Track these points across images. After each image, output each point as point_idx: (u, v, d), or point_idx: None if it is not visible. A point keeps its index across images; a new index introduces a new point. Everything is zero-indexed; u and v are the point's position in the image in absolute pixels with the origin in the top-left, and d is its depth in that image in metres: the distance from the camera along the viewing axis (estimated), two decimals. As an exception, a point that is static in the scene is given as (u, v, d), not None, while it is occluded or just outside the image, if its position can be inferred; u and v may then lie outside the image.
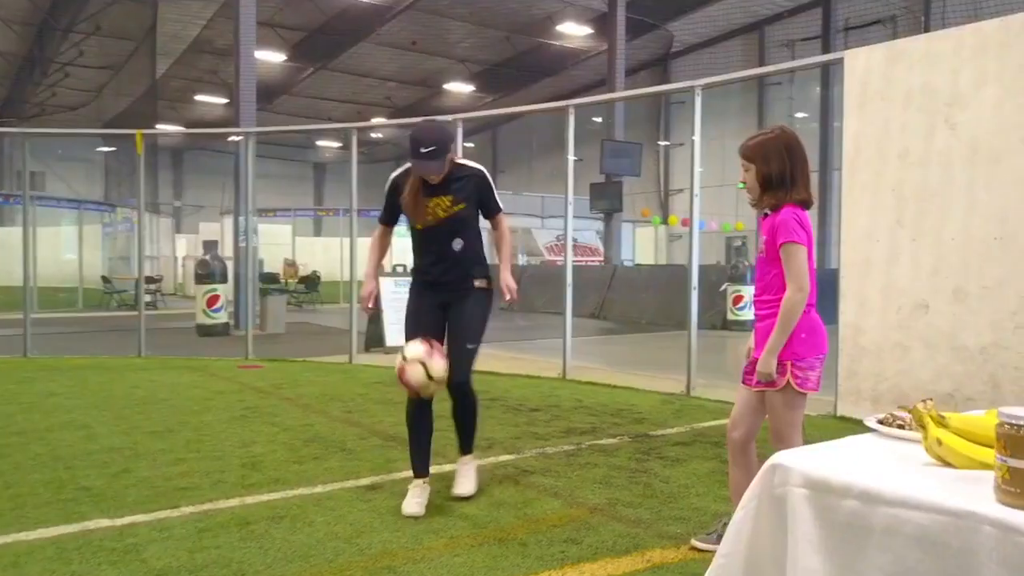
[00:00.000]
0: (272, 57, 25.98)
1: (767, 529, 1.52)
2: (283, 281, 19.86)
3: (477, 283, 3.92)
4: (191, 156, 40.63)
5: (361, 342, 9.79)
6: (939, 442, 1.48)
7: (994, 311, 5.08)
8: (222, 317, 12.80)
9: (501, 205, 3.99)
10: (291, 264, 21.47)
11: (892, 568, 1.32)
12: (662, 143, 31.20)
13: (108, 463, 4.59)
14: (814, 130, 24.02)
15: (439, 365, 3.65)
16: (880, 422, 1.81)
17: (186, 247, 28.29)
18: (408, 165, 3.81)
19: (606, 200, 18.09)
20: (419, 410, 3.87)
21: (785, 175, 2.88)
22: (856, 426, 5.55)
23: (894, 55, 5.70)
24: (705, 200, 7.18)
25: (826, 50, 23.31)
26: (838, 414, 5.87)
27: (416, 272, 4.04)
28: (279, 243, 25.67)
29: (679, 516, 3.66)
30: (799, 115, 26.57)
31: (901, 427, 1.74)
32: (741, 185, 3.01)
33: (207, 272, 12.78)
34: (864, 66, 5.84)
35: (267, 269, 19.99)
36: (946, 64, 5.35)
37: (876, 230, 5.70)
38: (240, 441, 5.14)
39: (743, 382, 3.15)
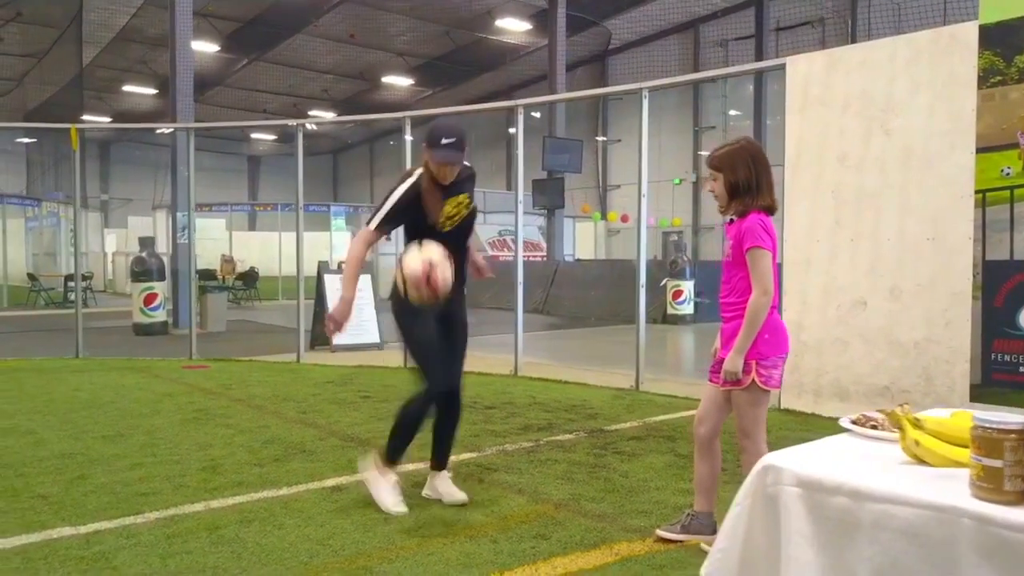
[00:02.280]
0: (205, 48, 25.36)
1: (761, 525, 1.65)
2: (220, 278, 19.47)
3: (463, 287, 3.86)
4: (119, 148, 39.36)
5: (307, 340, 9.71)
6: (917, 443, 1.62)
7: (927, 308, 5.37)
8: (160, 316, 12.53)
9: None
10: (229, 260, 21.05)
11: (880, 559, 1.45)
12: (600, 139, 31.58)
13: (62, 469, 4.50)
14: (748, 128, 24.65)
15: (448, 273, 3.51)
16: (853, 422, 1.95)
17: (116, 243, 27.46)
18: (414, 175, 3.70)
19: (548, 196, 18.28)
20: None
21: (751, 183, 3.05)
22: (799, 418, 5.82)
23: (833, 62, 5.96)
24: (649, 196, 7.36)
25: (759, 50, 23.94)
26: (782, 407, 6.11)
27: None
28: (213, 238, 25.14)
29: (641, 510, 3.79)
30: (732, 113, 27.25)
31: (875, 427, 1.89)
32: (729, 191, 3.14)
33: (144, 269, 12.49)
34: (805, 72, 6.09)
35: (203, 265, 19.57)
36: (882, 72, 5.62)
37: (817, 230, 5.95)
38: (196, 444, 5.09)
39: (709, 380, 3.30)
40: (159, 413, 6.08)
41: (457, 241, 3.74)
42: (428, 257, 3.48)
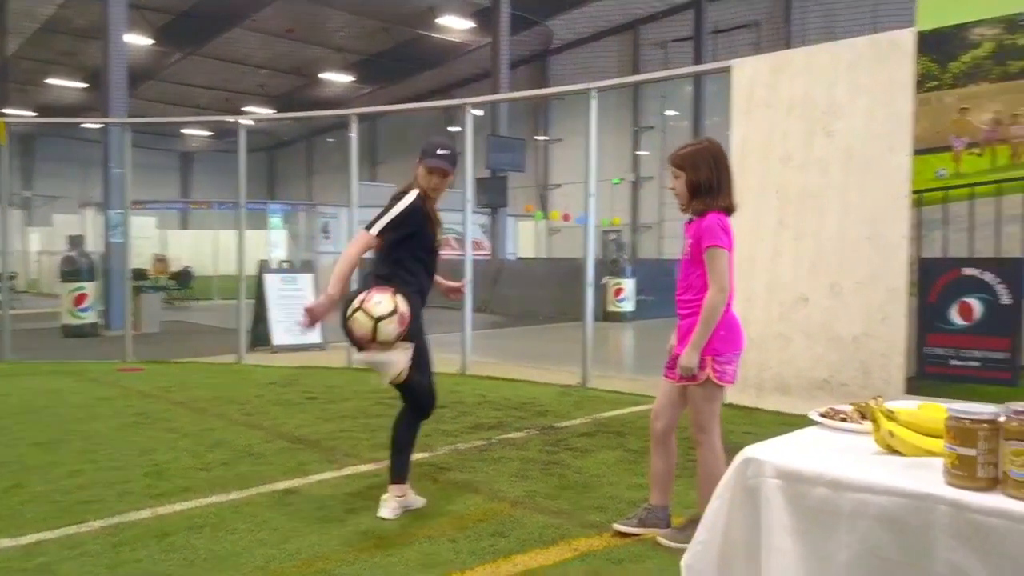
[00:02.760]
0: (137, 41, 24.58)
1: (740, 517, 1.68)
2: (152, 277, 18.92)
3: None
4: (43, 143, 37.82)
5: (247, 341, 9.49)
6: (891, 434, 1.67)
7: (865, 304, 5.55)
8: (90, 317, 12.11)
9: None
10: (161, 259, 20.46)
11: (859, 546, 1.49)
12: (540, 138, 31.72)
13: (-5, 478, 4.30)
14: (686, 128, 25.08)
15: (396, 329, 3.45)
16: (822, 415, 2.00)
17: (40, 241, 26.43)
18: (414, 191, 3.70)
19: (491, 195, 18.28)
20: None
21: (712, 183, 3.11)
22: (742, 412, 5.94)
23: (777, 66, 6.10)
24: (583, 195, 7.46)
25: (698, 51, 24.37)
26: (726, 402, 6.21)
27: (417, 293, 3.73)
28: (144, 236, 24.40)
29: (597, 505, 3.82)
30: (670, 113, 27.66)
31: (844, 420, 1.94)
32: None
33: (73, 269, 12.04)
34: (750, 75, 6.22)
35: (134, 264, 18.98)
36: (824, 76, 5.78)
37: (761, 229, 6.08)
38: (138, 449, 4.93)
39: (665, 376, 3.34)
40: (96, 418, 5.87)
41: (436, 254, 3.83)
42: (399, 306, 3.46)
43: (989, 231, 5.06)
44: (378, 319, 3.38)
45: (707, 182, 3.12)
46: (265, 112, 31.39)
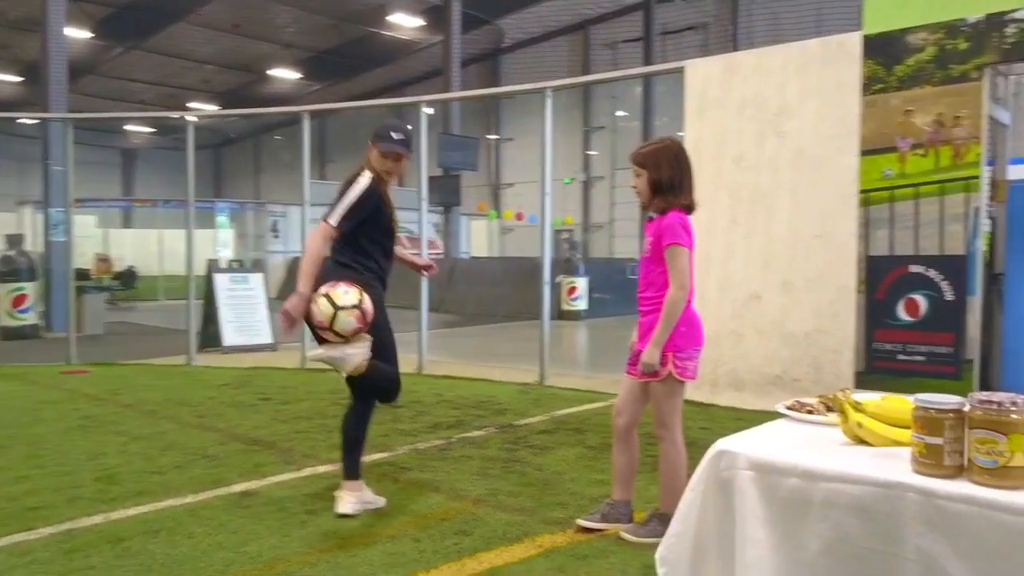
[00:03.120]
0: (76, 34, 23.86)
1: (713, 508, 1.71)
2: (95, 277, 18.40)
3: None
4: (-26, 139, 36.46)
5: (197, 342, 9.30)
6: (859, 425, 1.72)
7: (816, 301, 5.68)
8: (30, 318, 11.73)
9: None
10: (104, 259, 19.91)
11: (831, 534, 1.53)
12: (491, 137, 31.72)
13: (-65, 485, 4.14)
14: (636, 128, 25.33)
15: (354, 322, 3.43)
16: (789, 408, 2.04)
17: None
18: (368, 174, 3.67)
19: (444, 194, 18.22)
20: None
21: (674, 181, 3.15)
22: (697, 408, 6.03)
23: (730, 67, 6.20)
24: (537, 195, 7.51)
25: (647, 52, 24.64)
26: (682, 398, 6.31)
27: (377, 276, 3.72)
28: (86, 235, 23.71)
29: (559, 502, 3.84)
30: (620, 113, 27.92)
31: (810, 412, 1.99)
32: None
33: (11, 269, 11.65)
34: (703, 76, 6.31)
35: (76, 264, 18.43)
36: (775, 77, 5.90)
37: (714, 228, 6.18)
38: (87, 453, 4.80)
39: (627, 372, 3.38)
40: (41, 421, 5.69)
41: (393, 238, 3.81)
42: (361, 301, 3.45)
43: (933, 229, 5.22)
44: (339, 308, 3.39)
45: (669, 180, 3.17)
46: (211, 109, 30.78)
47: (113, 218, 30.64)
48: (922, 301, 5.18)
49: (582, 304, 14.80)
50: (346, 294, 3.42)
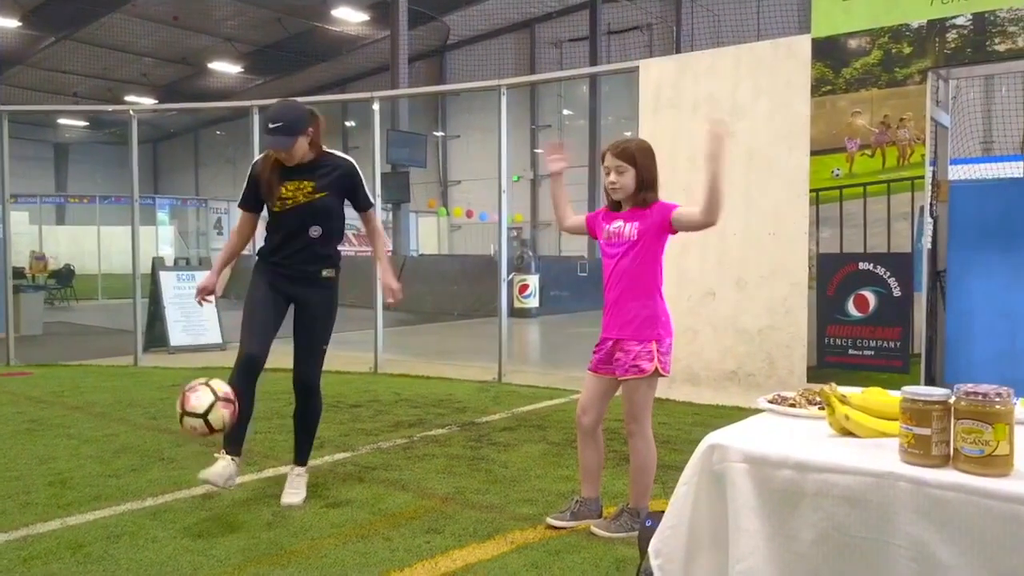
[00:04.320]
0: (3, 23, 23.00)
1: (707, 501, 1.75)
2: (30, 276, 17.77)
3: (325, 272, 3.83)
4: None
5: (143, 343, 9.06)
6: (847, 417, 1.78)
7: (769, 297, 5.82)
8: (-36, 319, 11.24)
9: (372, 200, 3.97)
10: (40, 257, 19.23)
11: (824, 524, 1.59)
12: (438, 134, 31.62)
13: None
14: (582, 127, 25.54)
15: (226, 412, 3.48)
16: (770, 402, 2.10)
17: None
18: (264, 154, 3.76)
19: (394, 190, 18.09)
20: (249, 386, 3.75)
21: (654, 178, 3.26)
22: (655, 403, 6.12)
23: (683, 67, 6.31)
24: (489, 192, 7.54)
25: (593, 51, 24.85)
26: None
27: (263, 256, 3.85)
28: (18, 232, 22.88)
29: (527, 498, 3.86)
30: (567, 112, 28.13)
31: (792, 406, 2.04)
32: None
33: (-58, 267, 11.15)
34: (657, 76, 6.41)
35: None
36: (728, 78, 6.03)
37: (669, 225, 6.28)
38: (36, 457, 4.64)
39: (594, 370, 3.42)
40: (-17, 426, 5.49)
41: (296, 225, 3.74)
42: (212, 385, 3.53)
43: (881, 227, 5.41)
44: (204, 415, 3.44)
45: (652, 178, 3.29)
46: (150, 102, 29.96)
47: (47, 215, 29.61)
48: (871, 297, 5.37)
49: (533, 301, 14.88)
50: (199, 400, 3.48)
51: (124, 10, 24.86)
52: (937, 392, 1.58)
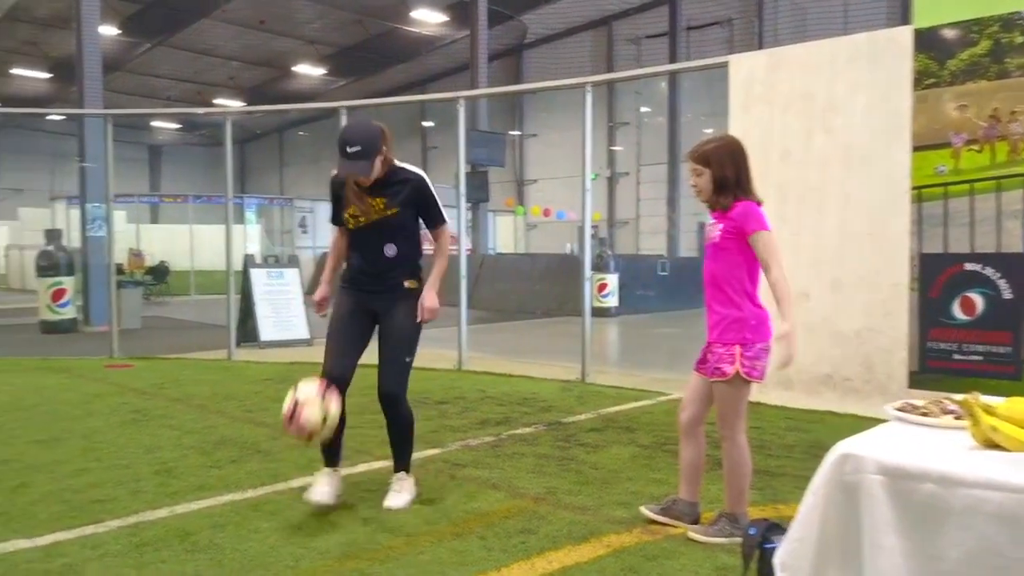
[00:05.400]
0: (104, 31, 24.05)
1: (837, 514, 1.68)
2: (128, 272, 18.60)
3: (406, 283, 3.78)
4: (5, 135, 36.92)
5: (235, 337, 9.36)
6: (994, 429, 1.69)
7: (867, 299, 5.62)
8: (69, 312, 11.87)
9: (445, 217, 3.84)
10: (137, 254, 20.10)
11: (972, 543, 1.50)
12: (514, 133, 31.69)
13: (-1, 478, 4.20)
14: (661, 124, 25.20)
15: (335, 407, 3.53)
16: (899, 410, 2.01)
17: (8, 235, 25.81)
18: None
19: (473, 190, 18.19)
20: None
21: (736, 178, 3.17)
22: (748, 407, 5.98)
23: (775, 62, 6.14)
24: (566, 191, 7.50)
25: (672, 48, 24.50)
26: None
27: (345, 273, 3.89)
28: (116, 230, 23.95)
29: (620, 501, 3.82)
30: (644, 109, 27.79)
31: (924, 415, 1.95)
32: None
33: (51, 264, 11.80)
34: (747, 71, 6.25)
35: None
36: (823, 72, 5.84)
37: (761, 224, 6.13)
38: (142, 447, 4.85)
39: (696, 370, 3.37)
40: (92, 415, 5.76)
41: (372, 241, 3.72)
42: (297, 395, 3.54)
43: (990, 227, 5.15)
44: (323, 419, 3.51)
45: (732, 178, 3.21)
46: (238, 104, 30.95)
47: (142, 214, 30.95)
48: (979, 299, 5.12)
49: (613, 300, 14.76)
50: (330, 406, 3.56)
51: (214, 16, 25.72)
52: (1095, 404, 1.48)
